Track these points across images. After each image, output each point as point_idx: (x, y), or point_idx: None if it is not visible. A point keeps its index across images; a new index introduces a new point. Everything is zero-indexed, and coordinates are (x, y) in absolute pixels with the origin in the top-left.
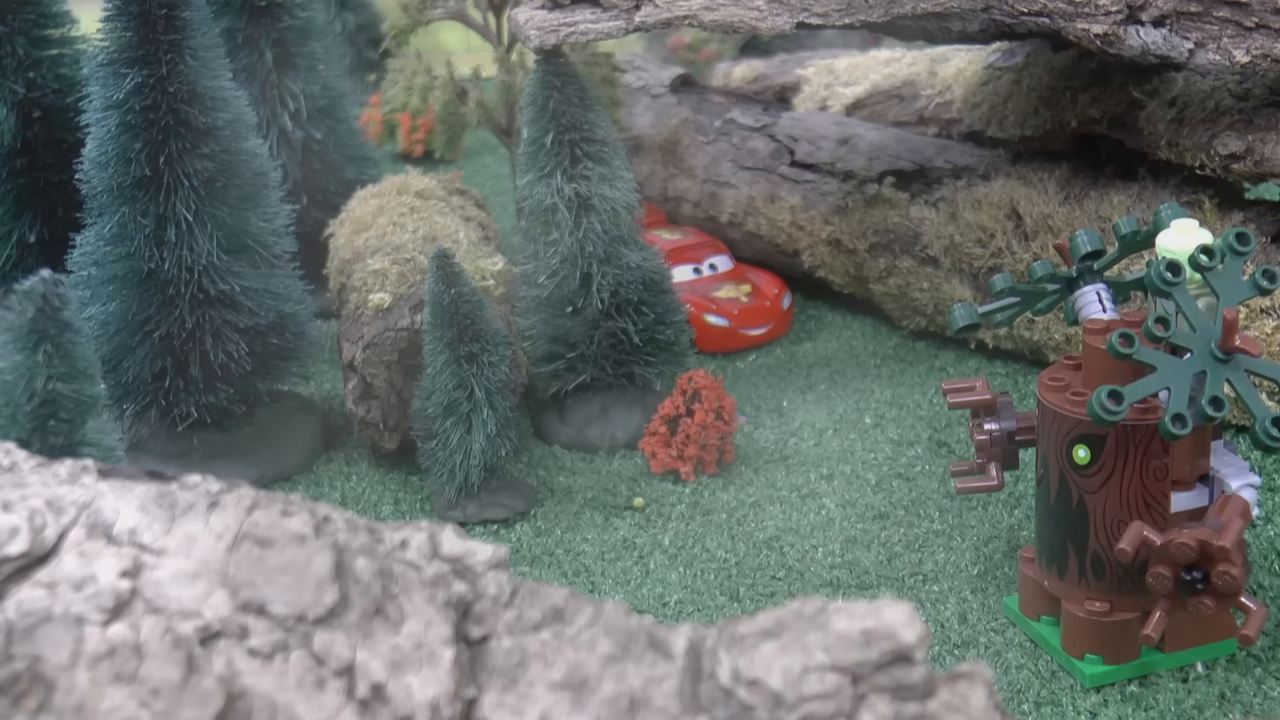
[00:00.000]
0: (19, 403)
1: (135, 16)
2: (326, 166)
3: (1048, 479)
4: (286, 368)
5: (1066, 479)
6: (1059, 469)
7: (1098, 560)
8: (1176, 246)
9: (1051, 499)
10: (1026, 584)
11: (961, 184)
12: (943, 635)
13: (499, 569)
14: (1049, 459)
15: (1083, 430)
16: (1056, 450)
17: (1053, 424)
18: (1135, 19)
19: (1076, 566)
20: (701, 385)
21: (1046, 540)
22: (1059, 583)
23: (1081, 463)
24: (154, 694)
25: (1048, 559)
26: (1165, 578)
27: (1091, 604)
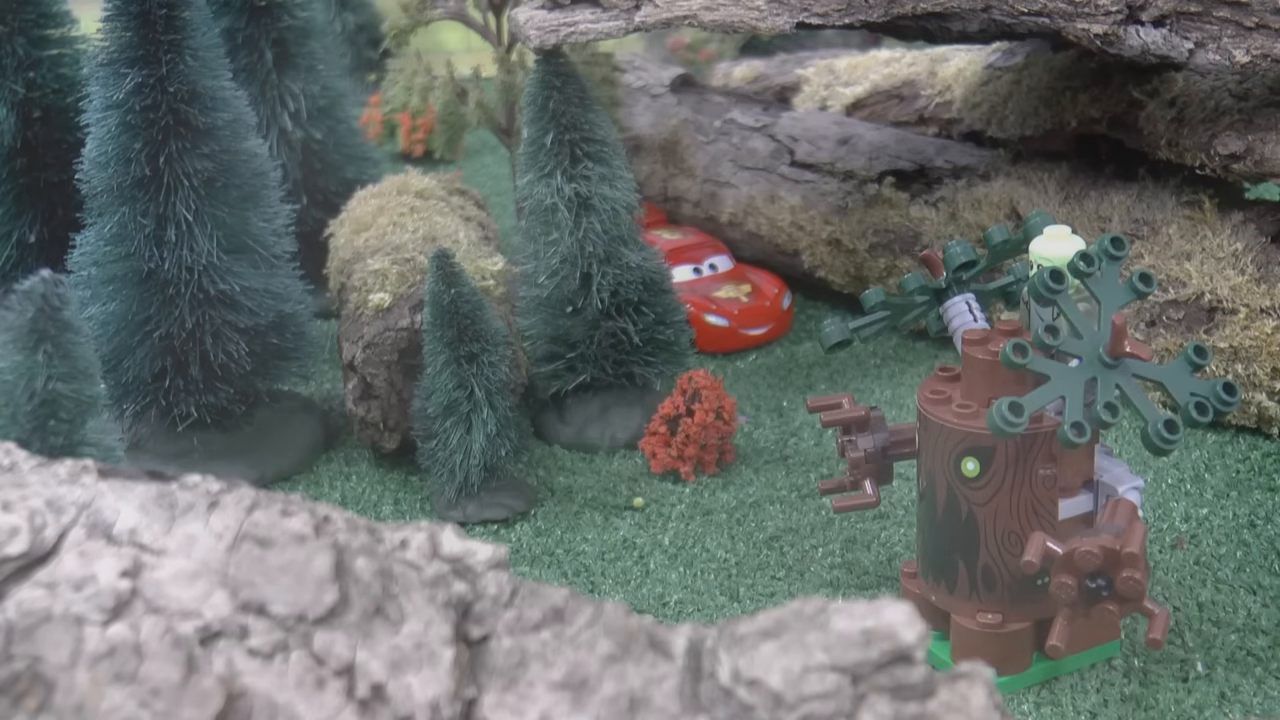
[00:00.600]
0: (19, 403)
1: (135, 16)
2: (326, 166)
3: (932, 492)
4: (286, 368)
5: (955, 492)
6: (946, 482)
7: (989, 572)
8: (1050, 253)
9: (939, 512)
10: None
11: (961, 184)
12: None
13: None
14: (934, 473)
15: (971, 443)
16: (944, 464)
17: (938, 438)
18: (1135, 19)
19: (967, 579)
20: (701, 385)
21: (933, 554)
22: (949, 597)
23: (970, 475)
24: (154, 694)
25: (935, 573)
26: (1069, 586)
27: (984, 616)
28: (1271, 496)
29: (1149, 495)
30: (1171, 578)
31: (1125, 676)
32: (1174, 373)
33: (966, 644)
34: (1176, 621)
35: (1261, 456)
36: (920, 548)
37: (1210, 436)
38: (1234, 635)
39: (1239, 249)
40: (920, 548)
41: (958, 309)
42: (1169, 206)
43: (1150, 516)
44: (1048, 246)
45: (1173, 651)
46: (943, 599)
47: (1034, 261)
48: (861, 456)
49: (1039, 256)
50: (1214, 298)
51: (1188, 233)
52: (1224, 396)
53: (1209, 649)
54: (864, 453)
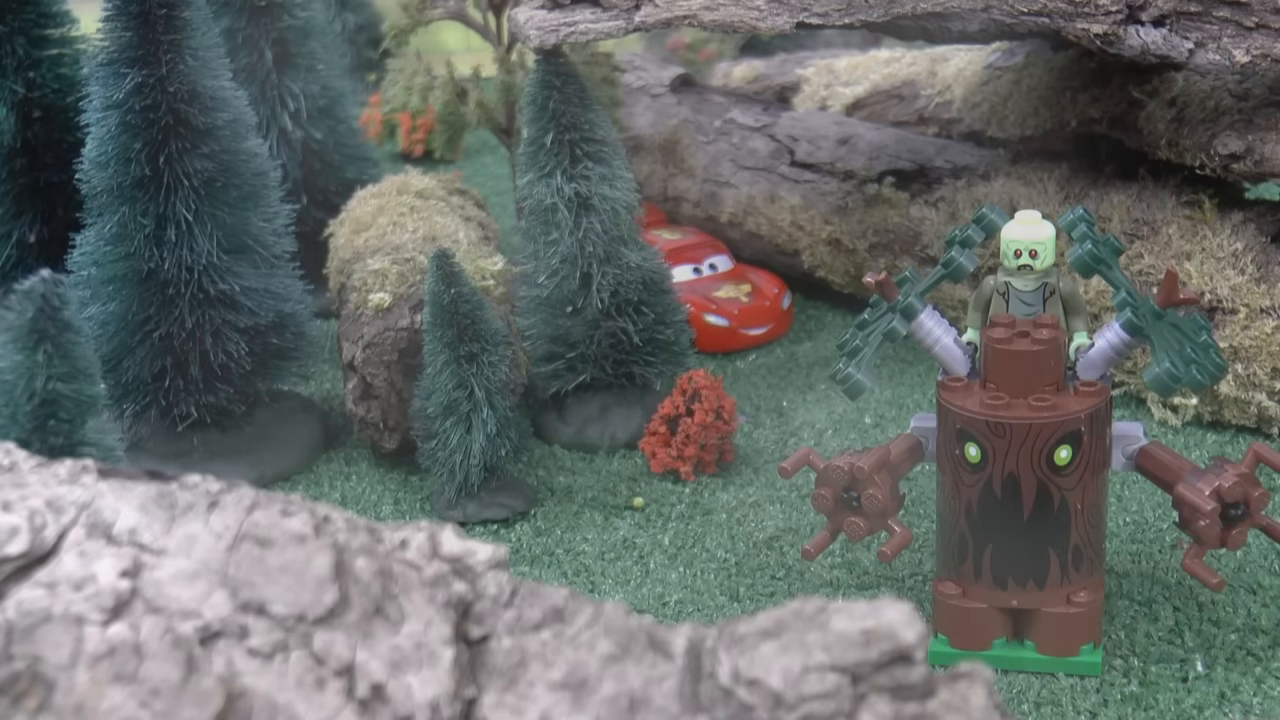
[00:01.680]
0: (19, 403)
1: (135, 16)
2: (326, 166)
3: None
4: (286, 368)
5: (1045, 484)
6: (1035, 478)
7: (1077, 552)
8: (1020, 235)
9: (1026, 512)
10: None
11: (961, 184)
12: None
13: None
14: (1018, 474)
15: (1064, 431)
16: (1032, 460)
17: (1024, 439)
18: (1135, 19)
19: (1059, 567)
20: (701, 385)
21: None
22: (1037, 593)
23: (1064, 463)
24: (154, 694)
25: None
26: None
27: (1078, 595)
28: (1271, 497)
29: (1149, 495)
30: (1171, 578)
31: (1125, 676)
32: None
33: (1062, 629)
34: (1176, 621)
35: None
36: (994, 561)
37: (1210, 436)
38: (1234, 635)
39: (1239, 249)
40: (994, 561)
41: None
42: (1169, 206)
43: (1150, 516)
44: (1020, 230)
45: (1173, 651)
46: (1029, 598)
47: (1008, 247)
48: (882, 507)
49: (1013, 240)
50: (1214, 298)
51: (1188, 233)
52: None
53: (1209, 649)
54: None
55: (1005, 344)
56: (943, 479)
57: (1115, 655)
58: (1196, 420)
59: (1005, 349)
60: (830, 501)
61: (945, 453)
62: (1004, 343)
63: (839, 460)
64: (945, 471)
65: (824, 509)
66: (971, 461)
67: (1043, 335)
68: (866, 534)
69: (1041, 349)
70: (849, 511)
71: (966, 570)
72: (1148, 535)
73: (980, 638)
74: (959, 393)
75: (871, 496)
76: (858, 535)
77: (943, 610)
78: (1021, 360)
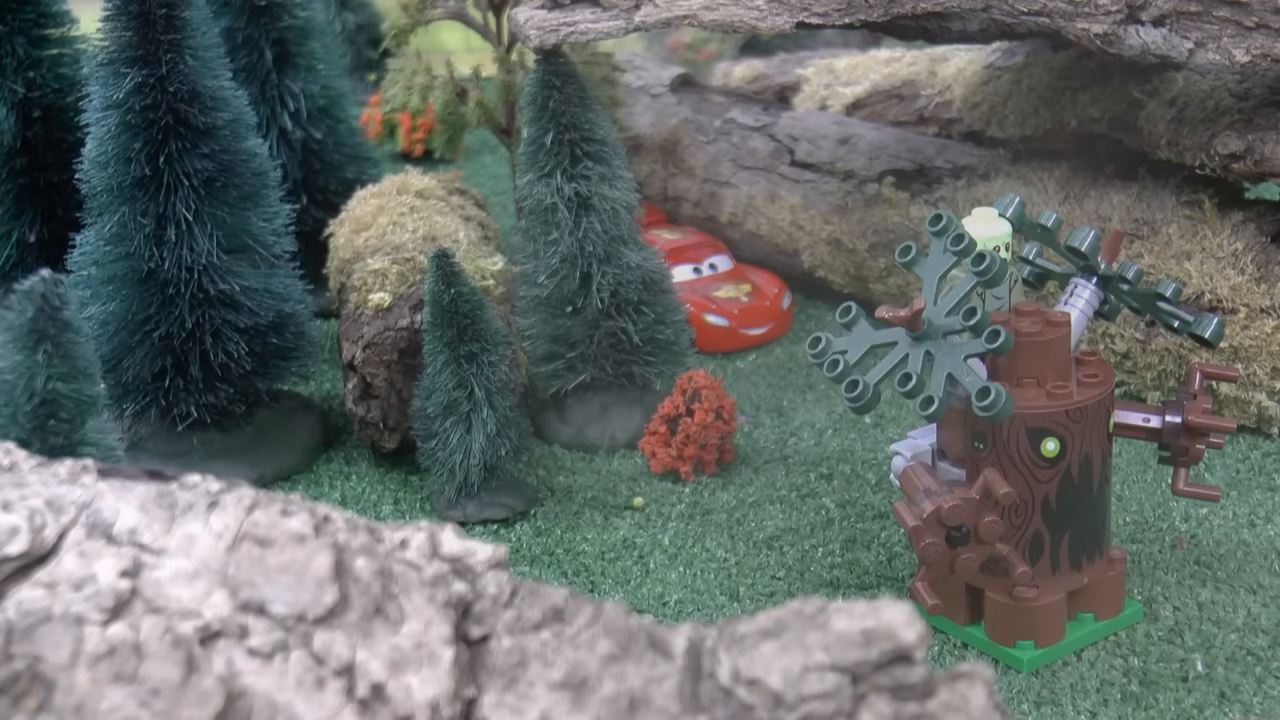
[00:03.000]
0: (19, 403)
1: (135, 16)
2: (326, 166)
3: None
4: (286, 368)
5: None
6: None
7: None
8: (992, 233)
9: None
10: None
11: (961, 184)
12: (943, 635)
13: (499, 569)
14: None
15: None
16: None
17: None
18: (1135, 19)
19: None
20: (701, 385)
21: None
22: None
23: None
24: (154, 694)
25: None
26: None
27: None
28: (1271, 496)
29: (1150, 494)
30: (1171, 578)
31: (1125, 676)
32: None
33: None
34: (1176, 621)
35: (1261, 456)
36: (1069, 546)
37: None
38: (1234, 635)
39: (1239, 249)
40: (1069, 546)
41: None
42: (1169, 206)
43: (1150, 516)
44: (979, 227)
45: (1173, 651)
46: (1095, 570)
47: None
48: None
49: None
50: (1214, 297)
51: (1188, 232)
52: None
53: (1209, 649)
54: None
55: (1038, 335)
56: None
57: (1115, 655)
58: None
59: (1040, 339)
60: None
61: (1006, 457)
62: (1038, 335)
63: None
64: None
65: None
66: (1048, 456)
67: (1057, 319)
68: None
69: (1064, 333)
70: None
71: (1043, 566)
72: (1148, 535)
73: (1060, 628)
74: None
75: (990, 524)
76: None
77: (1023, 616)
78: (1054, 348)
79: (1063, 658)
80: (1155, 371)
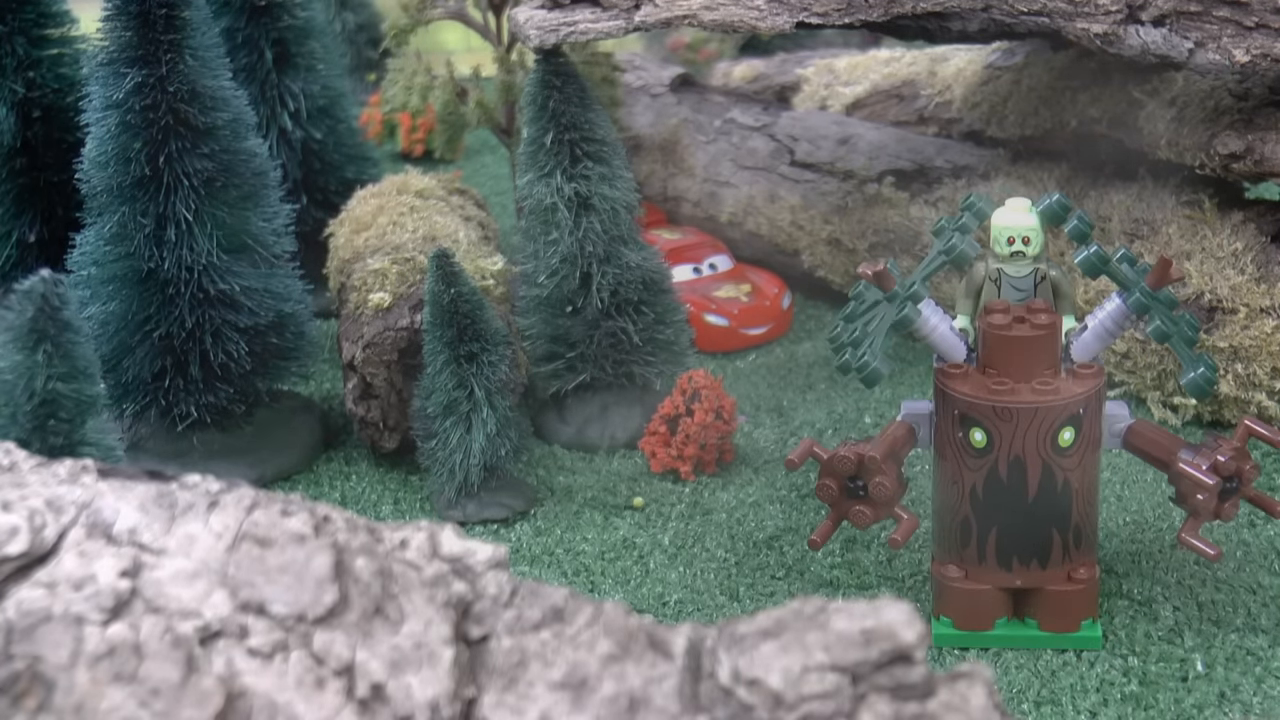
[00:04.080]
0: (19, 403)
1: (135, 16)
2: (326, 166)
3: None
4: (286, 368)
5: (1050, 465)
6: (1041, 459)
7: (1078, 531)
8: (1013, 222)
9: (1031, 493)
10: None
11: (961, 184)
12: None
13: (499, 569)
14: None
15: (1069, 413)
16: (1039, 442)
17: (1032, 421)
18: (1135, 18)
19: (1060, 546)
20: (701, 385)
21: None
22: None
23: (1066, 444)
24: (154, 694)
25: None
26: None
27: (1078, 572)
28: (1271, 496)
29: (1150, 494)
30: (1171, 577)
31: (1125, 676)
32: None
33: (1064, 605)
34: (1176, 621)
35: (1261, 456)
36: (999, 543)
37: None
38: (1234, 635)
39: (1239, 249)
40: (999, 543)
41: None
42: (1169, 206)
43: (1150, 516)
44: (1010, 216)
45: (1173, 651)
46: (1033, 576)
47: (1000, 234)
48: (889, 494)
49: (1004, 227)
50: (1214, 297)
51: (1188, 232)
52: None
53: (1209, 649)
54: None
55: (1005, 329)
56: (942, 464)
57: (1115, 655)
58: (1196, 420)
59: (1006, 334)
60: (835, 491)
61: (945, 438)
62: (1004, 328)
63: (844, 450)
64: (945, 457)
65: (829, 499)
66: (976, 446)
67: (1041, 320)
68: (873, 521)
69: (1041, 334)
70: (854, 500)
71: (970, 554)
72: (1147, 535)
73: (983, 618)
74: (959, 379)
75: (879, 484)
76: (864, 523)
77: (945, 593)
78: (1022, 345)
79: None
80: (1155, 372)
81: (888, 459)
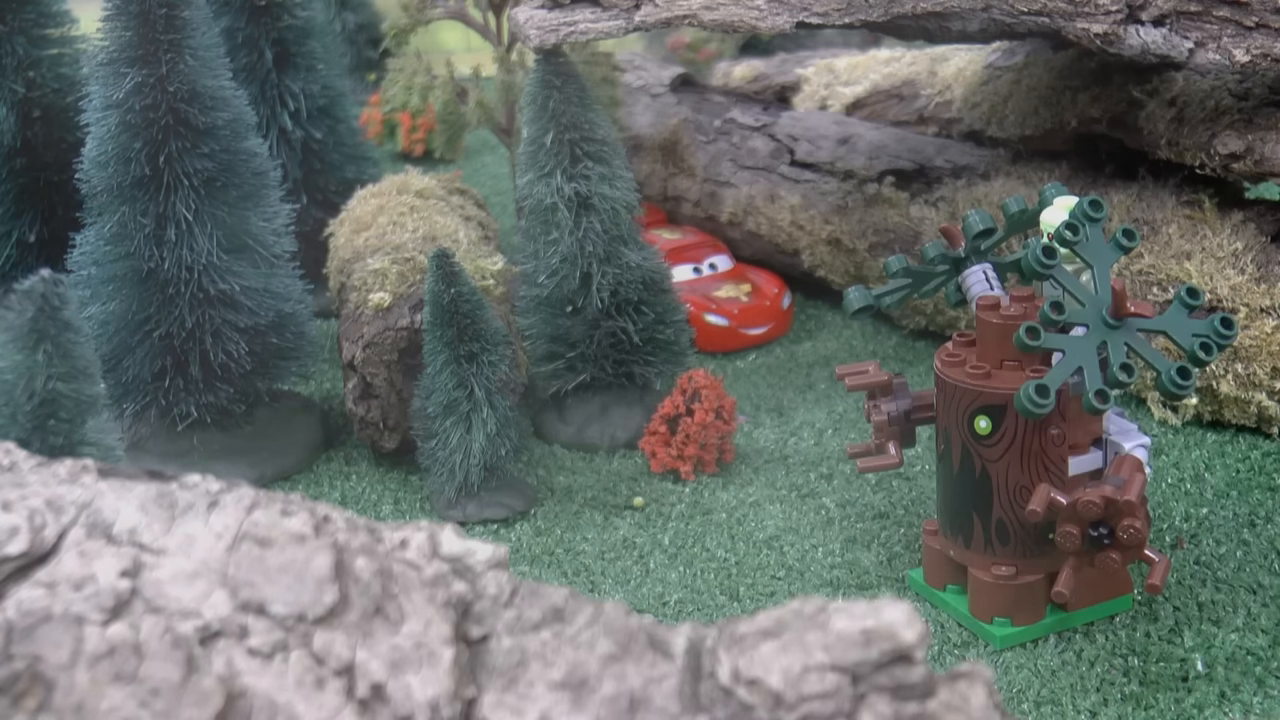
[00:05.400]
0: (19, 403)
1: (135, 16)
2: (326, 166)
3: (949, 451)
4: (286, 367)
5: (969, 449)
6: (961, 440)
7: (1002, 526)
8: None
9: (955, 471)
10: (930, 555)
11: (961, 183)
12: (943, 635)
13: (499, 569)
14: (950, 432)
15: (983, 402)
16: (958, 422)
17: (953, 398)
18: (1135, 18)
19: (982, 533)
20: (701, 385)
21: (951, 510)
22: (965, 551)
23: (983, 433)
24: (154, 694)
25: (952, 528)
26: (1074, 536)
27: (998, 568)
28: (1271, 496)
29: (1150, 494)
30: (1172, 577)
31: (1125, 676)
32: (1173, 319)
33: (982, 595)
34: (1176, 621)
35: (1261, 456)
36: (939, 504)
37: (1210, 436)
38: (1234, 635)
39: (1239, 249)
40: (939, 504)
41: (976, 278)
42: (1169, 206)
43: (1150, 516)
44: (1057, 216)
45: (1173, 651)
46: (960, 553)
47: (1045, 231)
48: (885, 420)
49: (1048, 225)
50: (1214, 297)
51: (1188, 232)
52: (1222, 331)
53: (1209, 649)
54: (887, 416)
55: (983, 313)
56: None
57: (1115, 655)
58: (1197, 420)
59: (981, 318)
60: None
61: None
62: (984, 311)
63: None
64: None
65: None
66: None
67: (1012, 311)
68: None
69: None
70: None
71: (939, 514)
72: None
73: (938, 577)
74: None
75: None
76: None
77: (924, 547)
78: (989, 330)
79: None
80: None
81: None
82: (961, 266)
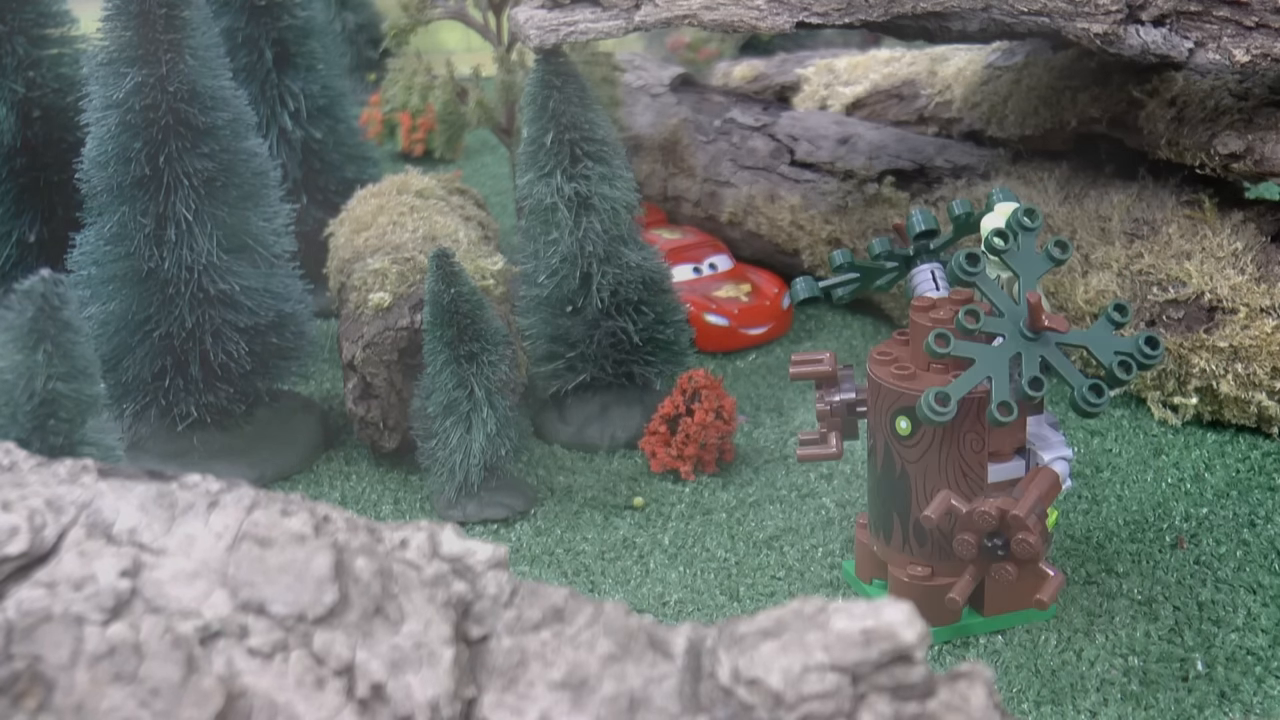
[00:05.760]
0: (19, 403)
1: (135, 16)
2: (326, 166)
3: (874, 449)
4: (286, 367)
5: (891, 449)
6: (884, 439)
7: (920, 527)
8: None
9: (879, 468)
10: (860, 549)
11: (961, 183)
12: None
13: (499, 568)
14: (876, 430)
15: (905, 403)
16: (882, 421)
17: (878, 396)
18: (1135, 18)
19: (900, 533)
20: (701, 385)
21: (875, 507)
22: (886, 548)
23: (904, 434)
24: (154, 693)
25: (875, 526)
26: (970, 544)
27: (914, 569)
28: (1271, 496)
29: (1150, 494)
30: (1171, 578)
31: (1125, 676)
32: (1097, 335)
33: (899, 594)
34: (1176, 621)
35: (1261, 456)
36: (869, 500)
37: (1210, 436)
38: (1234, 635)
39: (1239, 248)
40: (869, 500)
41: (922, 277)
42: (1169, 206)
43: (1150, 516)
44: (998, 221)
45: (1173, 651)
46: (881, 550)
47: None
48: (827, 410)
49: (986, 231)
50: (1214, 297)
51: (1188, 232)
52: (1146, 350)
53: (1209, 649)
54: (829, 407)
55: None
56: None
57: (1115, 655)
58: (1197, 420)
59: (913, 319)
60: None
61: None
62: (916, 312)
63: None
64: None
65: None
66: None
67: (940, 315)
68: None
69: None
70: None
71: (868, 510)
72: (1147, 535)
73: (866, 571)
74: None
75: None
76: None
77: (856, 540)
78: (920, 331)
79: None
80: (1155, 371)
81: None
82: (912, 264)
